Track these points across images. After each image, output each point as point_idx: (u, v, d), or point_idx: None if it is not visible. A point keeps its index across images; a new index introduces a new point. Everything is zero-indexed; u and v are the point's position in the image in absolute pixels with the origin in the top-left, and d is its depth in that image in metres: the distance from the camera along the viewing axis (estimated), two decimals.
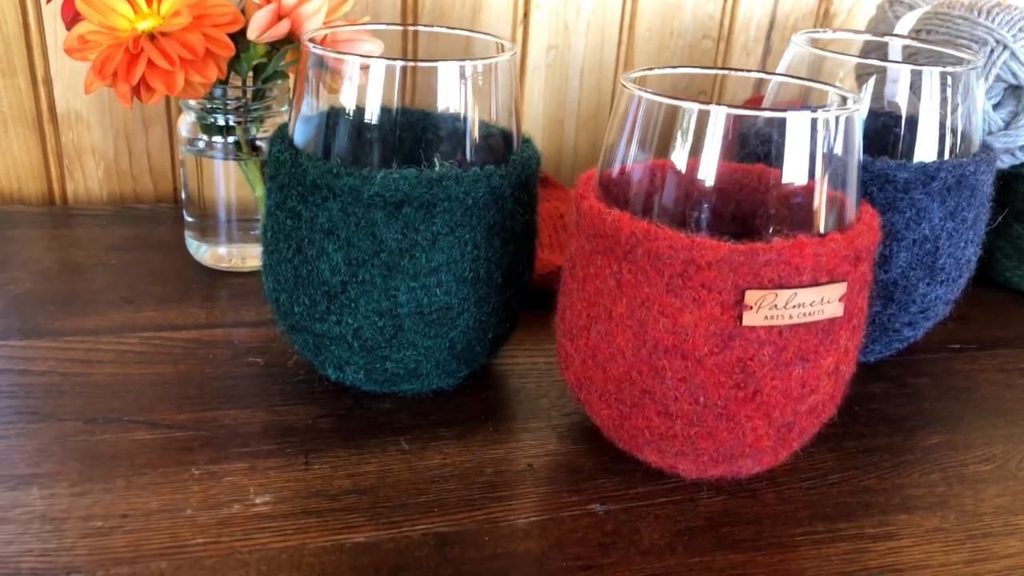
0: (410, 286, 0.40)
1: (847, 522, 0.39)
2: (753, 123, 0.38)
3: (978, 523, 0.40)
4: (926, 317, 0.49)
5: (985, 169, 0.47)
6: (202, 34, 0.47)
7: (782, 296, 0.35)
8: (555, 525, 0.38)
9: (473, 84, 0.42)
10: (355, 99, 0.41)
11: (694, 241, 0.35)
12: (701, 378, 0.36)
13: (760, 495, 0.41)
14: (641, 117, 0.37)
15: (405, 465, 0.41)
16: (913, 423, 0.47)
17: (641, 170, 0.38)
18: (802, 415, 0.38)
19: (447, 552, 0.36)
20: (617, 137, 0.38)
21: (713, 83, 0.73)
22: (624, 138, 0.38)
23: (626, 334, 0.37)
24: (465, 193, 0.40)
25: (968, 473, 0.43)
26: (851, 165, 0.38)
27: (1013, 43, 0.55)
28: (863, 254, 0.36)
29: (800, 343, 0.36)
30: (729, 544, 0.38)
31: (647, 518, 0.39)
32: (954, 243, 0.47)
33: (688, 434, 0.38)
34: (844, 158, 0.38)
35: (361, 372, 0.43)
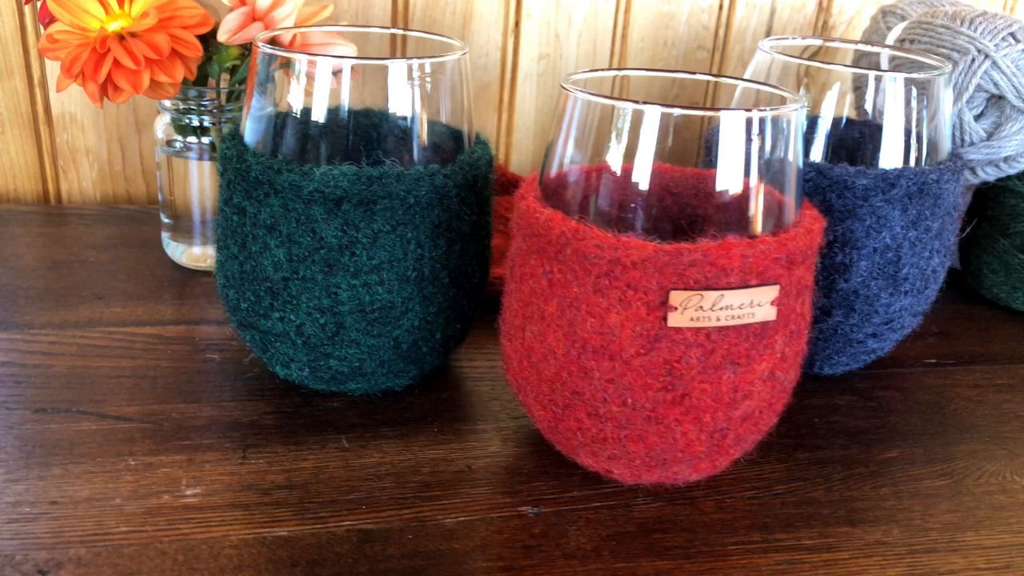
0: (351, 283, 0.41)
1: (785, 533, 0.38)
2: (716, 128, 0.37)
3: (923, 538, 0.39)
4: (892, 329, 0.48)
5: (950, 178, 0.46)
6: (168, 35, 0.48)
7: (708, 298, 0.34)
8: (483, 526, 0.37)
9: (421, 84, 0.42)
10: (303, 98, 0.41)
11: (620, 241, 0.35)
12: (628, 379, 0.36)
13: (699, 503, 0.40)
14: (577, 118, 0.37)
15: (342, 463, 0.41)
16: (873, 436, 0.46)
17: (578, 171, 0.38)
18: (736, 421, 0.37)
19: (367, 549, 0.36)
20: (556, 138, 0.38)
21: (705, 92, 0.72)
22: (562, 139, 0.38)
23: (557, 334, 0.37)
24: (407, 191, 0.40)
25: (922, 488, 0.42)
26: (789, 166, 0.37)
27: (994, 52, 0.54)
28: (797, 257, 0.36)
29: (730, 347, 0.35)
30: (658, 551, 0.37)
31: (578, 522, 0.38)
32: (917, 253, 0.46)
33: (618, 437, 0.37)
34: (781, 159, 0.37)
35: (306, 369, 0.43)
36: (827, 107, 0.47)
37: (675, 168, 0.42)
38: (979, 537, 0.39)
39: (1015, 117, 0.55)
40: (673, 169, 0.42)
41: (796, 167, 0.38)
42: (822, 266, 0.46)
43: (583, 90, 0.37)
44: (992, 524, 0.40)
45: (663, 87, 0.42)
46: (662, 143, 0.36)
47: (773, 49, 0.48)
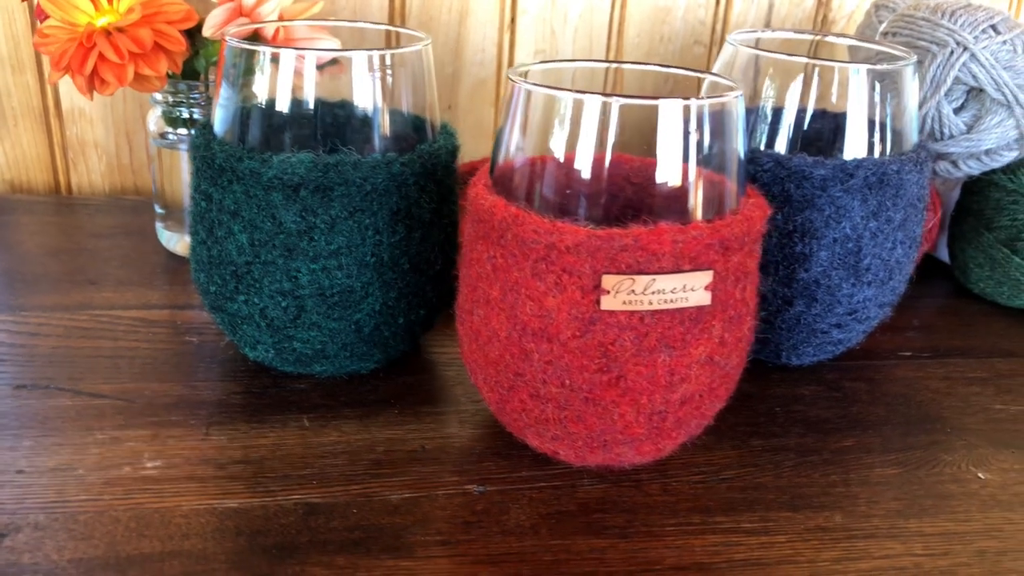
0: (311, 268, 0.42)
1: (725, 516, 0.39)
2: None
3: (864, 524, 0.39)
4: (857, 320, 0.48)
5: (912, 168, 0.46)
6: (152, 29, 0.50)
7: (640, 282, 0.35)
8: (427, 502, 0.39)
9: (382, 75, 0.43)
10: (269, 89, 0.42)
11: (555, 226, 0.36)
12: (566, 361, 0.37)
13: (644, 486, 0.41)
14: (522, 107, 0.38)
15: (300, 440, 0.42)
16: (832, 426, 0.46)
17: (523, 158, 0.39)
18: (675, 404, 0.38)
19: (311, 521, 0.37)
20: (503, 127, 0.39)
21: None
22: (508, 128, 0.39)
23: (500, 317, 0.38)
24: (363, 179, 0.41)
25: (872, 476, 0.42)
26: (730, 154, 0.38)
27: (973, 45, 0.53)
28: (733, 244, 0.36)
29: (664, 330, 0.36)
30: (596, 530, 0.38)
31: (520, 500, 0.39)
32: (879, 243, 0.46)
33: (559, 418, 0.38)
34: (721, 146, 0.38)
35: (272, 351, 0.45)
36: (795, 99, 0.47)
37: (635, 158, 0.43)
38: (921, 525, 0.39)
39: (995, 110, 0.54)
40: (632, 159, 0.43)
41: (738, 155, 0.38)
42: (782, 256, 0.46)
43: (528, 80, 0.38)
44: (937, 512, 0.40)
45: (655, 82, 0.43)
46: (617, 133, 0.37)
47: (739, 43, 0.49)
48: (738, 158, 0.39)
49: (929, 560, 0.37)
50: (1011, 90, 0.53)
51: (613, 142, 0.37)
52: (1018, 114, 0.54)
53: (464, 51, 0.74)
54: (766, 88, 0.48)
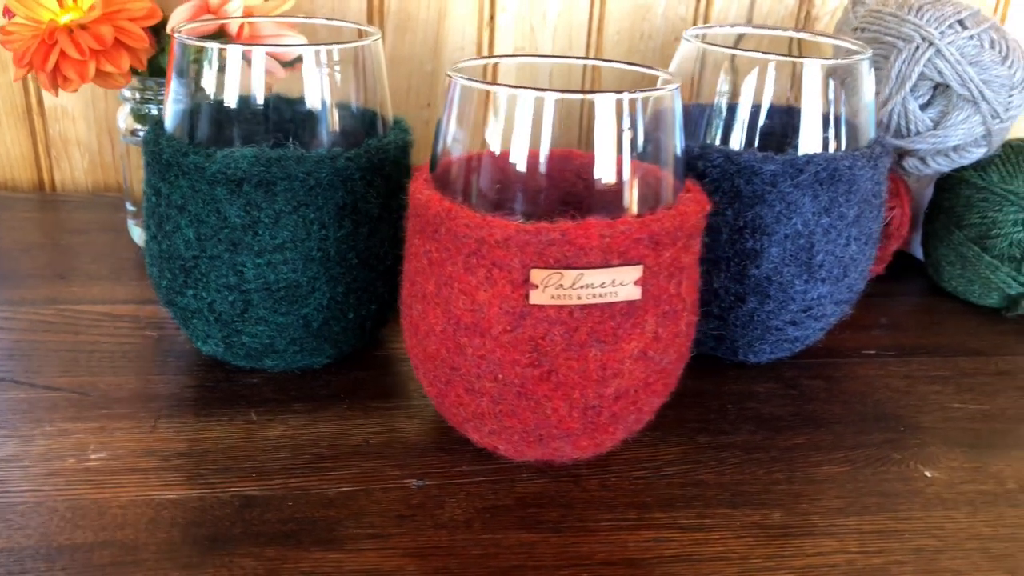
0: (256, 262, 0.42)
1: (662, 512, 0.39)
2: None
3: (802, 522, 0.39)
4: (813, 317, 0.48)
5: (865, 164, 0.45)
6: (113, 26, 0.50)
7: (568, 276, 0.35)
8: (363, 496, 0.39)
9: (330, 70, 0.44)
10: (217, 85, 0.43)
11: (485, 220, 0.36)
12: (498, 356, 0.37)
13: (584, 481, 0.41)
14: (458, 102, 0.38)
15: (245, 434, 0.42)
16: (783, 423, 0.46)
17: (461, 154, 0.39)
18: (608, 399, 0.38)
19: (246, 513, 0.37)
20: (441, 122, 0.39)
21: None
22: (445, 122, 0.39)
23: (436, 311, 0.38)
24: (306, 173, 0.41)
25: (818, 474, 0.42)
26: (666, 148, 0.38)
27: (939, 40, 0.53)
28: (664, 239, 0.36)
29: (594, 325, 0.36)
30: (529, 524, 0.38)
31: (458, 495, 0.39)
32: (832, 240, 0.46)
33: (494, 412, 0.38)
34: (657, 140, 0.38)
35: (222, 345, 0.45)
36: (749, 94, 0.47)
37: (575, 153, 0.43)
38: (860, 522, 0.39)
39: (961, 106, 0.54)
40: (572, 154, 0.43)
41: (675, 149, 0.38)
42: (733, 252, 0.46)
43: (463, 76, 0.38)
44: (878, 511, 0.39)
45: (635, 80, 0.44)
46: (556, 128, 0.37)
47: (696, 38, 0.49)
48: (675, 152, 0.39)
49: (863, 557, 0.37)
50: (976, 86, 0.53)
51: (552, 137, 0.37)
52: (984, 110, 0.53)
53: (443, 49, 0.74)
54: (720, 84, 0.47)
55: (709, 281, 0.47)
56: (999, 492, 0.41)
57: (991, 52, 0.53)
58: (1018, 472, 0.43)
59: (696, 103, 0.49)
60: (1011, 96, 0.53)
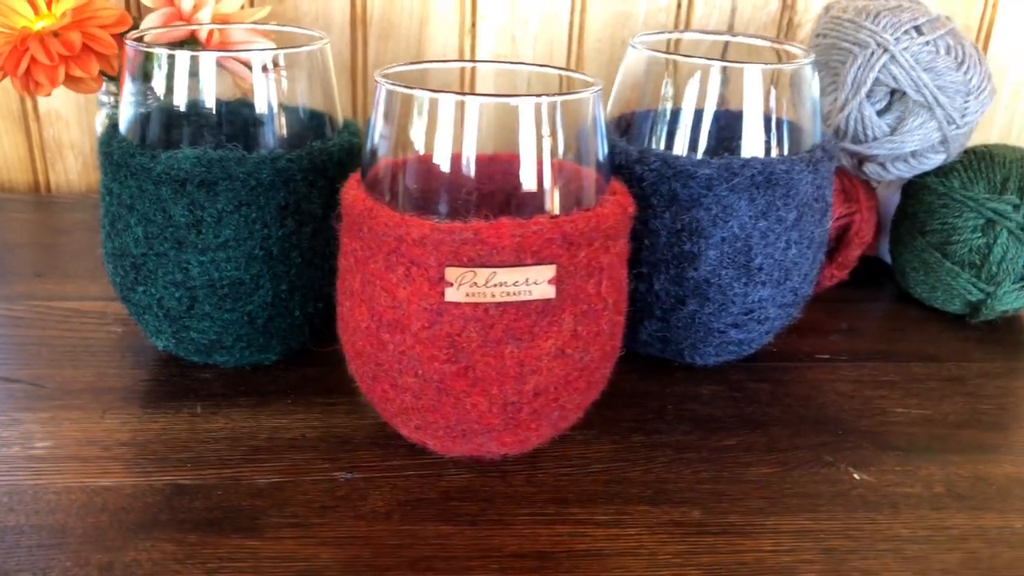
0: (200, 260, 0.44)
1: (581, 508, 0.39)
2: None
3: (720, 520, 0.39)
4: (755, 320, 0.48)
5: (804, 168, 0.46)
6: (83, 32, 0.52)
7: (481, 274, 0.36)
8: (291, 487, 0.40)
9: (276, 74, 0.45)
10: (166, 89, 0.44)
11: (404, 219, 0.37)
12: (417, 351, 0.38)
13: (510, 476, 0.41)
14: (384, 105, 0.39)
15: (188, 426, 0.44)
16: (719, 425, 0.46)
17: (388, 156, 0.40)
18: (528, 396, 0.39)
19: (175, 501, 0.39)
20: (370, 125, 0.40)
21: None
22: (373, 125, 0.40)
23: (361, 308, 0.39)
24: (247, 174, 0.43)
25: (747, 474, 0.42)
26: (587, 150, 0.39)
27: (894, 46, 0.53)
28: (579, 239, 0.37)
29: (510, 322, 0.37)
30: (448, 517, 0.39)
31: (383, 487, 0.40)
32: (771, 243, 0.46)
33: (417, 407, 0.39)
34: (578, 143, 0.38)
35: (172, 340, 0.47)
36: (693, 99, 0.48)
37: (500, 155, 0.44)
38: (779, 522, 0.39)
39: (917, 112, 0.54)
40: (498, 157, 0.44)
41: (597, 151, 0.39)
42: (672, 255, 0.46)
43: (389, 80, 0.39)
44: (798, 511, 0.40)
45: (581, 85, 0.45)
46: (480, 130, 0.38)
47: (642, 44, 0.49)
48: (598, 154, 0.39)
49: (773, 556, 0.37)
50: (931, 91, 0.53)
51: (480, 140, 0.38)
52: (939, 116, 0.53)
53: (424, 56, 0.76)
54: (664, 89, 0.48)
55: (650, 283, 0.48)
56: (925, 495, 0.41)
57: (946, 58, 0.53)
58: (948, 476, 0.43)
59: (642, 109, 0.49)
60: (967, 102, 0.53)
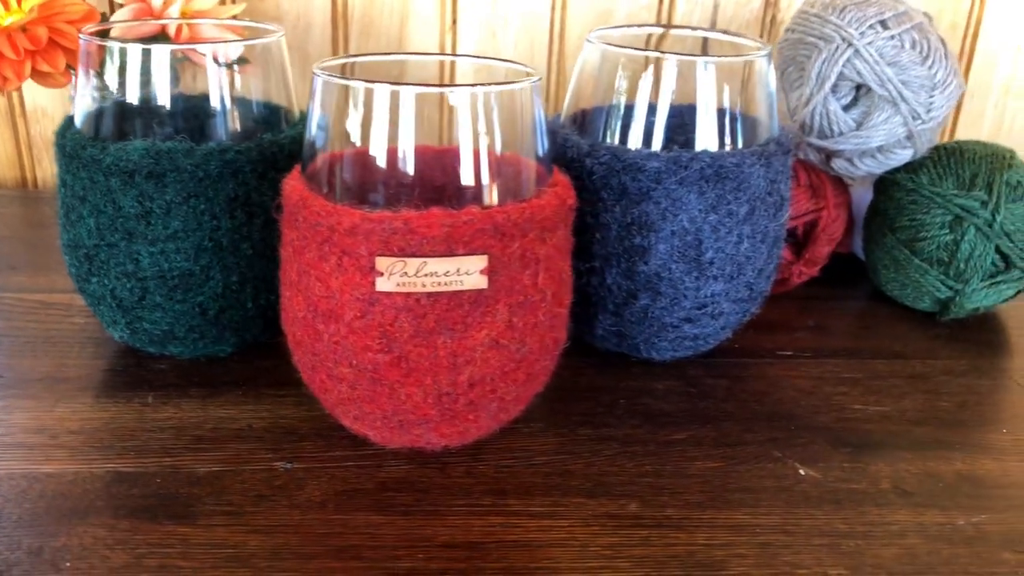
0: (150, 251, 0.44)
1: (517, 499, 0.39)
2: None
3: (656, 513, 0.39)
4: (710, 315, 0.48)
5: (755, 162, 0.45)
6: (49, 28, 0.53)
7: (412, 264, 0.36)
8: (230, 476, 0.40)
9: (228, 67, 0.45)
10: (119, 82, 0.45)
11: (335, 209, 0.37)
12: (351, 342, 0.38)
13: (450, 468, 0.41)
14: (321, 98, 0.39)
15: (136, 416, 0.44)
16: (669, 419, 0.46)
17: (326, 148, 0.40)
18: (463, 387, 0.38)
19: (113, 488, 0.39)
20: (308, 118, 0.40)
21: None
22: (310, 118, 0.40)
23: (298, 298, 0.39)
24: (195, 165, 0.43)
25: (691, 469, 0.42)
26: (526, 140, 0.39)
27: (858, 40, 0.53)
28: (511, 230, 0.37)
29: (442, 312, 0.37)
30: (381, 507, 0.39)
31: (321, 478, 0.40)
32: (722, 237, 0.46)
33: (353, 397, 0.39)
34: (516, 133, 0.39)
35: (127, 331, 0.47)
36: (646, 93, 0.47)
37: (442, 147, 0.43)
38: (716, 516, 0.39)
39: (882, 107, 0.53)
40: (440, 148, 0.43)
41: (536, 142, 0.39)
42: (622, 249, 0.46)
43: (324, 72, 0.39)
44: (738, 506, 0.39)
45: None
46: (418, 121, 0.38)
47: (599, 39, 0.49)
48: (536, 145, 0.39)
49: (705, 550, 0.37)
50: (895, 86, 0.52)
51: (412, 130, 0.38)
52: (904, 111, 0.53)
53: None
54: (619, 83, 0.48)
55: (603, 277, 0.47)
56: (870, 491, 0.41)
57: (911, 52, 0.52)
58: (897, 473, 0.42)
59: (597, 104, 0.49)
60: (932, 97, 0.53)
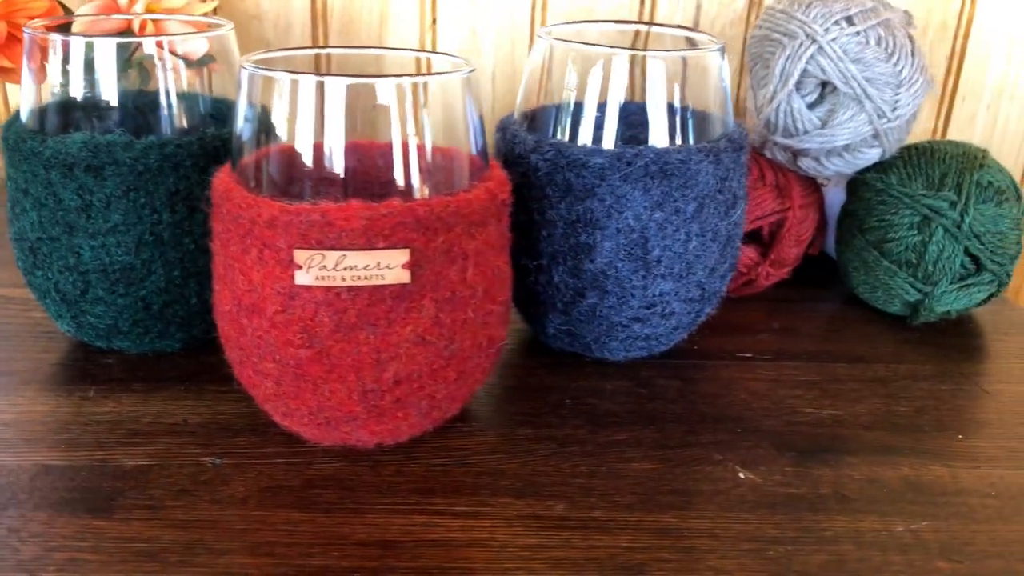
0: (91, 244, 0.44)
1: (444, 499, 0.39)
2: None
3: (582, 515, 0.38)
4: (660, 315, 0.47)
5: (703, 159, 0.44)
6: (8, 23, 0.53)
7: (330, 257, 0.36)
8: (157, 470, 0.40)
9: (174, 63, 0.45)
10: (62, 77, 0.45)
11: (256, 201, 0.36)
12: (273, 336, 0.37)
13: (382, 467, 0.41)
14: (247, 90, 0.39)
15: (75, 409, 0.44)
16: (614, 420, 0.45)
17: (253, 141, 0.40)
18: (388, 383, 0.38)
19: (37, 481, 0.39)
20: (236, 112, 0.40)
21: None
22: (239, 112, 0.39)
23: (225, 292, 0.39)
24: (134, 159, 0.43)
25: (627, 470, 0.41)
26: (457, 134, 0.38)
27: (822, 37, 0.51)
28: (434, 223, 0.36)
29: (363, 307, 0.36)
30: (303, 504, 0.38)
31: (248, 473, 0.40)
32: (669, 235, 0.45)
33: (280, 393, 0.39)
34: (447, 125, 0.38)
35: (73, 324, 0.47)
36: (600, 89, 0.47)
37: (374, 142, 0.43)
38: (643, 519, 0.38)
39: (847, 104, 0.52)
40: (371, 142, 0.43)
41: (469, 135, 0.39)
42: (568, 246, 0.45)
43: (252, 65, 0.38)
44: (667, 508, 0.39)
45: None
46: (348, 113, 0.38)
47: (548, 34, 0.48)
48: (469, 138, 0.39)
49: (627, 553, 0.36)
50: (859, 83, 0.51)
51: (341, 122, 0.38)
52: (869, 109, 0.52)
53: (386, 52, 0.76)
54: (569, 78, 0.47)
55: (550, 275, 0.47)
56: (808, 497, 0.40)
57: (876, 49, 0.51)
58: (840, 478, 0.41)
59: (549, 101, 0.48)
60: (898, 95, 0.51)
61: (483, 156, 0.41)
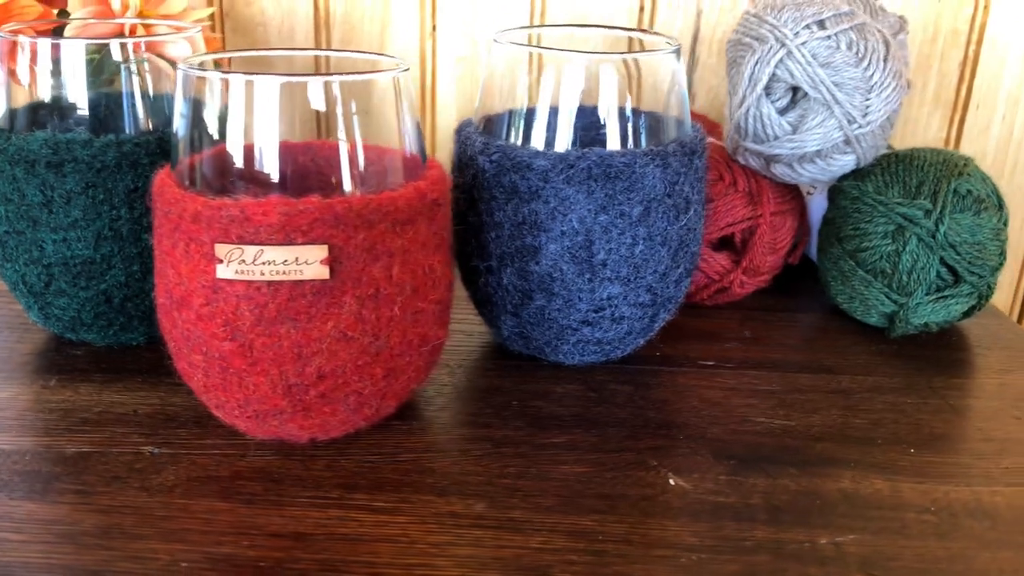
0: (53, 239, 0.46)
1: (365, 494, 0.39)
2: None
3: (499, 515, 0.38)
4: (610, 318, 0.47)
5: (649, 162, 0.44)
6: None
7: (248, 252, 0.36)
8: (96, 458, 0.41)
9: (139, 64, 0.47)
10: (29, 78, 0.47)
11: (182, 196, 0.38)
12: (200, 329, 0.38)
13: (312, 461, 0.41)
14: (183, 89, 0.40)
15: (33, 397, 0.46)
16: (555, 423, 0.45)
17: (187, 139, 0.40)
18: (312, 378, 0.39)
19: None
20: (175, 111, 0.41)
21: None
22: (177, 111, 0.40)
23: (161, 286, 0.40)
24: (92, 156, 0.44)
25: (555, 472, 0.41)
26: (390, 132, 0.39)
27: (792, 40, 0.51)
28: (353, 220, 0.37)
29: (284, 302, 0.37)
30: (228, 495, 0.39)
31: (181, 463, 0.41)
32: (614, 238, 0.45)
33: (210, 385, 0.40)
34: (378, 124, 0.39)
35: (40, 316, 0.49)
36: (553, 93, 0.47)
37: (314, 142, 0.43)
38: (561, 521, 0.38)
39: (816, 109, 0.51)
40: (318, 142, 0.44)
41: (403, 134, 0.39)
42: (515, 248, 0.46)
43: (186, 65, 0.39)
44: (589, 512, 0.38)
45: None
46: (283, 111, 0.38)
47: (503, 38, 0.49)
48: (404, 137, 0.39)
49: (534, 553, 0.36)
50: (828, 88, 0.50)
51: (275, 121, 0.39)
52: (838, 114, 0.50)
53: None
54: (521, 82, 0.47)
55: (500, 277, 0.47)
56: (736, 506, 0.39)
57: (846, 53, 0.50)
58: (774, 488, 0.40)
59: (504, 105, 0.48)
60: (868, 100, 0.50)
61: (421, 155, 0.41)
